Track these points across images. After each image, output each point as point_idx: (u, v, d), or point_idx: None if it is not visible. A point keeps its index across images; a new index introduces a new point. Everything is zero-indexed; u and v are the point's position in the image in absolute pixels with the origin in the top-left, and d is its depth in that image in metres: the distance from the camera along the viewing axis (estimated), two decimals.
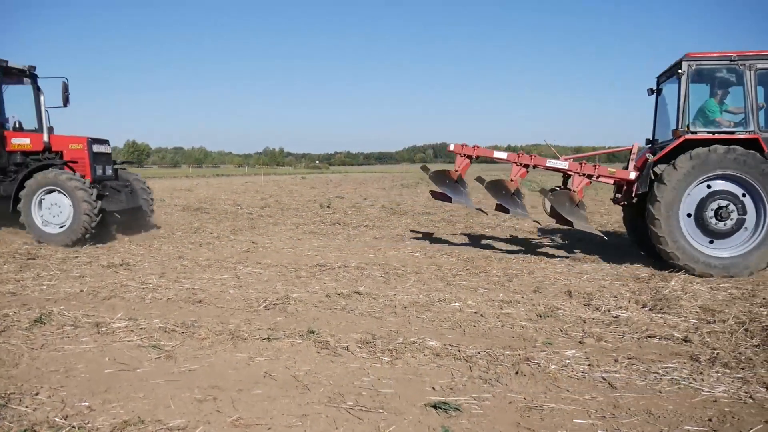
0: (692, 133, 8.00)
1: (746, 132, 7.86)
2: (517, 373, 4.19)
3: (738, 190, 7.79)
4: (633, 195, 8.55)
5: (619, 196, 9.32)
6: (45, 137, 10.42)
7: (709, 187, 7.85)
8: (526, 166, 9.36)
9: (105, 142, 10.91)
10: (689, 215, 7.89)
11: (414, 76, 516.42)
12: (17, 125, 10.89)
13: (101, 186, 10.46)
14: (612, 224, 13.53)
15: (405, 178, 45.44)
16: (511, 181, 9.34)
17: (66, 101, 10.79)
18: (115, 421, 3.37)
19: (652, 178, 8.09)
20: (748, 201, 7.77)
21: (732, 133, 7.96)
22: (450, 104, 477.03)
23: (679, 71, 8.06)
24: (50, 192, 9.83)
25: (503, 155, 9.80)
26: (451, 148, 10.00)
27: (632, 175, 8.61)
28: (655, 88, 9.44)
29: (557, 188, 9.50)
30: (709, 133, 8.02)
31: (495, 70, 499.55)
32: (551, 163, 9.29)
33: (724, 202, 7.76)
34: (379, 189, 29.89)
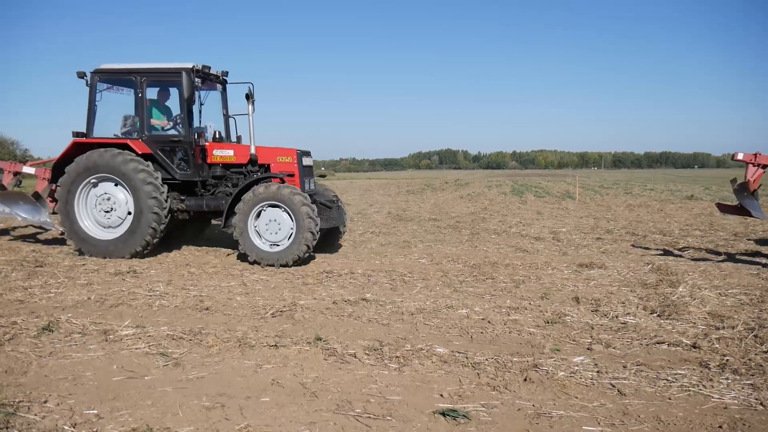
0: None
1: None
2: (525, 379, 4.17)
3: None
4: None
5: None
6: (252, 149, 9.55)
7: None
8: None
9: (309, 153, 10.13)
10: None
11: (420, 82, 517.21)
12: (217, 135, 10.24)
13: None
14: (619, 230, 13.49)
15: (411, 184, 45.51)
16: None
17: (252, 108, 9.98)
18: (124, 429, 3.37)
19: None
20: None
21: None
22: (455, 111, 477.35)
23: None
24: (268, 207, 8.94)
25: None
26: (740, 157, 8.91)
27: None
28: None
29: None
30: None
31: (500, 77, 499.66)
32: None
33: None
34: (385, 195, 29.93)
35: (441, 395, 3.93)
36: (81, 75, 9.62)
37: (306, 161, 9.90)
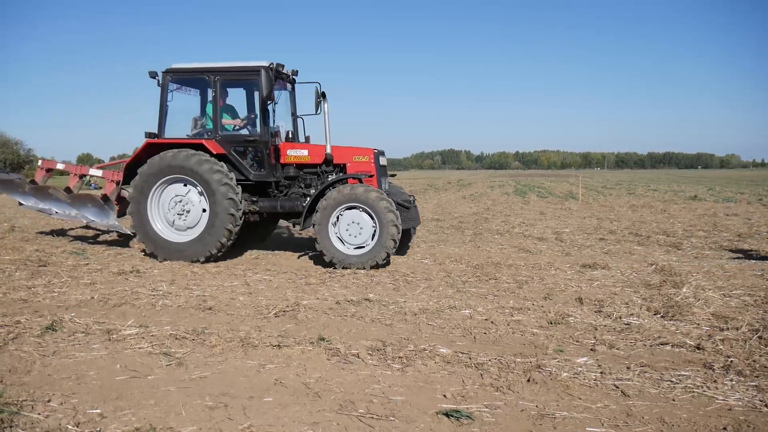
0: None
1: None
2: (528, 380, 4.16)
3: None
4: None
5: None
6: (328, 148, 9.31)
7: None
8: None
9: (383, 153, 9.89)
10: None
11: (421, 82, 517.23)
12: (290, 136, 10.03)
13: None
14: (622, 230, 13.46)
15: (413, 184, 45.45)
16: None
17: (318, 107, 9.49)
18: (127, 429, 3.37)
19: None
20: None
21: None
22: (458, 111, 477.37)
23: None
24: (349, 209, 8.65)
25: None
26: None
27: None
28: None
29: None
30: None
31: (503, 77, 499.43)
32: None
33: None
34: None
35: (444, 396, 3.92)
36: (153, 75, 9.40)
37: (382, 161, 9.71)
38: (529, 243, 11.45)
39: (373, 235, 8.58)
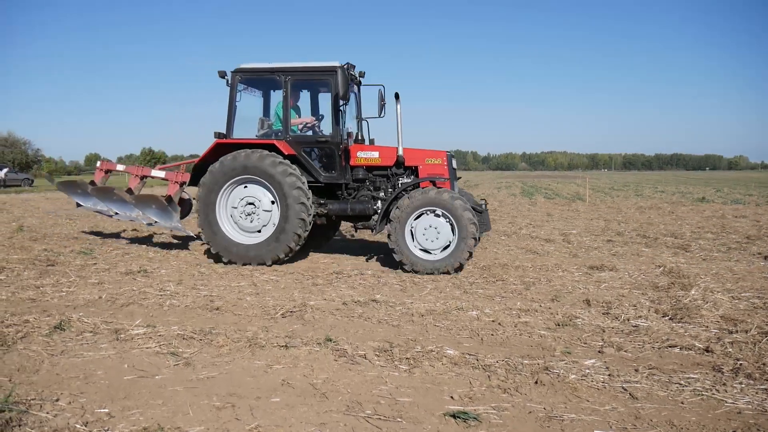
0: None
1: None
2: (536, 382, 4.15)
3: None
4: None
5: None
6: (400, 150, 9.07)
7: None
8: None
9: (454, 156, 9.68)
10: None
11: (425, 82, 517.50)
12: (359, 137, 9.77)
13: None
14: (629, 232, 13.42)
15: None
16: None
17: (381, 110, 9.26)
18: (135, 428, 3.39)
19: None
20: None
21: None
22: (464, 111, 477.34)
23: None
24: (426, 213, 8.42)
25: None
26: None
27: None
28: None
29: None
30: None
31: (509, 77, 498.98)
32: None
33: None
34: None
35: (451, 397, 3.91)
36: (222, 75, 9.26)
37: (453, 163, 9.54)
38: (537, 244, 11.42)
39: (450, 240, 8.36)
